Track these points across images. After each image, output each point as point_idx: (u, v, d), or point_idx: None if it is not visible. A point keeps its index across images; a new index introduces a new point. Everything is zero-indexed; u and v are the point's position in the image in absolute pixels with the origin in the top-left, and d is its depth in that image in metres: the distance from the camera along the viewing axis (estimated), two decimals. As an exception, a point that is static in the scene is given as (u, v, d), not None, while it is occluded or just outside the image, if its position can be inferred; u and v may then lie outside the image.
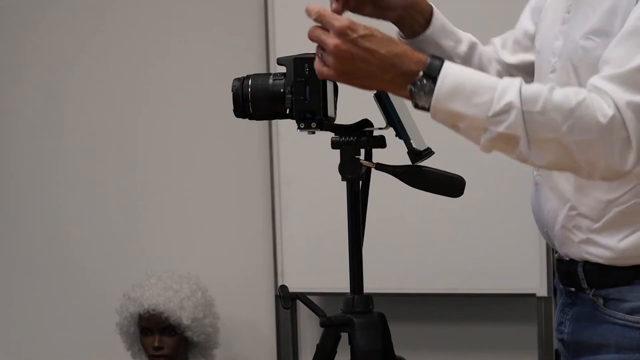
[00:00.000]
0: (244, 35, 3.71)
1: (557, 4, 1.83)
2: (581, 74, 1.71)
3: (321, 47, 1.62)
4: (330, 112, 1.80)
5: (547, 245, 3.32)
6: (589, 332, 1.79)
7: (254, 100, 1.84)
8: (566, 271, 1.83)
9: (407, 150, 1.77)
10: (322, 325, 1.87)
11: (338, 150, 1.91)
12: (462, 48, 1.98)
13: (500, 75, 1.95)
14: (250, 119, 1.88)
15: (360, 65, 1.60)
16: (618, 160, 1.58)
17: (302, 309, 3.67)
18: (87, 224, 3.89)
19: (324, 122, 1.81)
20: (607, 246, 1.75)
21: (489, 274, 3.34)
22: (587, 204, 1.75)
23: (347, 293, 1.93)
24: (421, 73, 1.59)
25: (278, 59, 1.84)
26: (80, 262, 3.90)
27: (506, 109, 1.56)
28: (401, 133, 1.75)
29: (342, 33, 1.61)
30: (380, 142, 1.81)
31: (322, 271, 3.41)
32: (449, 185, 1.80)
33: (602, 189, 1.73)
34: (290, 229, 3.52)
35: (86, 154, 3.88)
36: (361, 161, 1.79)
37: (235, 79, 1.87)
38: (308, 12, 1.64)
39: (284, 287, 1.93)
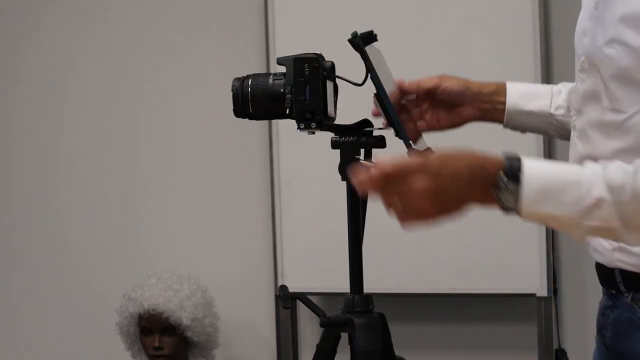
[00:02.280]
0: (244, 35, 3.71)
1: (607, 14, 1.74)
2: (607, 81, 1.67)
3: (399, 196, 1.50)
4: (330, 112, 1.80)
5: (547, 245, 3.32)
6: (629, 340, 1.80)
7: (254, 100, 1.83)
8: (605, 274, 1.84)
9: (406, 150, 1.77)
10: (322, 325, 1.87)
11: (338, 150, 1.91)
12: (562, 97, 1.97)
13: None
14: (250, 119, 1.88)
15: (451, 194, 1.51)
16: None
17: (302, 309, 3.67)
18: (87, 224, 3.89)
19: (324, 122, 1.81)
20: (639, 254, 1.74)
21: (489, 274, 3.34)
22: None
23: (347, 293, 1.93)
24: (501, 173, 1.51)
25: (278, 59, 1.84)
26: (80, 262, 3.90)
27: (596, 204, 1.52)
28: (400, 133, 1.75)
29: (422, 171, 1.50)
30: (380, 142, 1.81)
31: (322, 271, 3.41)
32: None
33: None
34: (290, 229, 3.52)
35: (86, 154, 3.88)
36: (361, 161, 1.79)
37: (235, 79, 1.87)
38: (376, 177, 1.50)
39: (284, 287, 1.93)
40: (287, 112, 1.82)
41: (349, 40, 1.75)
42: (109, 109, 3.86)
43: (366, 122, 1.83)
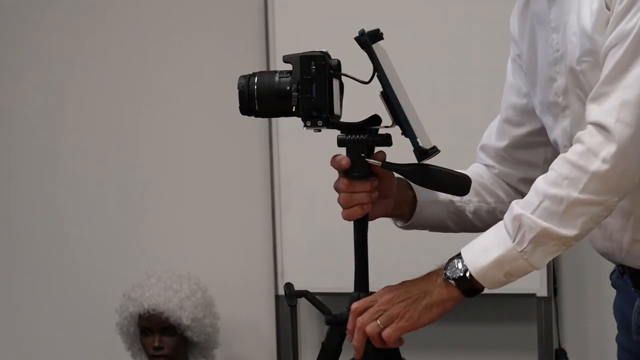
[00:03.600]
0: (244, 35, 3.71)
1: (545, 50, 1.85)
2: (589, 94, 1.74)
3: (376, 314, 1.74)
4: (336, 110, 1.79)
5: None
6: None
7: (260, 98, 1.82)
8: None
9: (413, 148, 1.76)
10: (327, 323, 1.87)
11: (337, 151, 1.90)
12: None
13: (502, 174, 2.01)
14: (256, 116, 1.86)
15: (417, 293, 1.74)
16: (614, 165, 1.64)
17: (302, 308, 3.67)
18: (87, 224, 3.89)
19: (330, 120, 1.80)
20: None
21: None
22: None
23: (349, 292, 1.93)
24: (448, 260, 1.75)
25: (284, 56, 1.84)
26: (80, 262, 3.90)
27: (517, 223, 1.68)
28: (407, 131, 1.74)
29: (385, 290, 1.78)
30: (386, 141, 1.80)
31: (322, 271, 3.41)
32: (455, 183, 1.79)
33: None
34: (290, 229, 3.52)
35: (86, 154, 3.88)
36: (367, 160, 1.78)
37: (241, 77, 1.86)
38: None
39: (289, 285, 1.92)
40: (294, 109, 1.81)
41: (356, 38, 1.75)
42: (109, 109, 3.86)
43: (375, 119, 1.82)
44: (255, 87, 1.81)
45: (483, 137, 2.06)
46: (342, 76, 1.80)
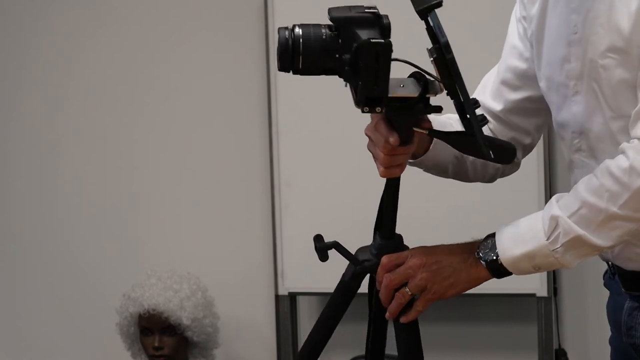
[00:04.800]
0: (244, 35, 3.71)
1: (558, 27, 1.83)
2: (606, 93, 1.74)
3: (407, 280, 1.77)
4: (391, 93, 1.73)
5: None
6: None
7: (306, 51, 1.68)
8: (633, 280, 1.85)
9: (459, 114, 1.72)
10: (355, 273, 1.86)
11: (338, 151, 1.90)
12: (458, 128, 1.96)
13: (494, 129, 1.98)
14: (295, 73, 1.73)
15: (444, 262, 1.77)
16: None
17: (302, 309, 3.67)
18: (87, 223, 3.89)
19: (389, 104, 1.73)
20: None
21: (489, 274, 3.34)
22: None
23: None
24: (481, 239, 1.77)
25: (332, 17, 1.73)
26: (80, 262, 3.90)
27: (554, 223, 1.70)
28: (466, 108, 1.68)
29: (415, 257, 1.78)
30: (437, 109, 1.75)
31: (322, 271, 3.40)
32: (501, 152, 1.77)
33: None
34: (290, 229, 3.51)
35: (86, 154, 3.88)
36: (415, 129, 1.75)
37: (280, 28, 1.74)
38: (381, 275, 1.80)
39: (319, 237, 1.88)
40: (340, 71, 1.72)
41: (418, 11, 1.73)
42: (109, 108, 3.86)
43: (420, 77, 1.74)
44: (301, 40, 1.69)
45: (477, 90, 2.03)
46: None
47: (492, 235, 1.77)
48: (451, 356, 3.63)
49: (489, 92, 2.01)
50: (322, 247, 1.87)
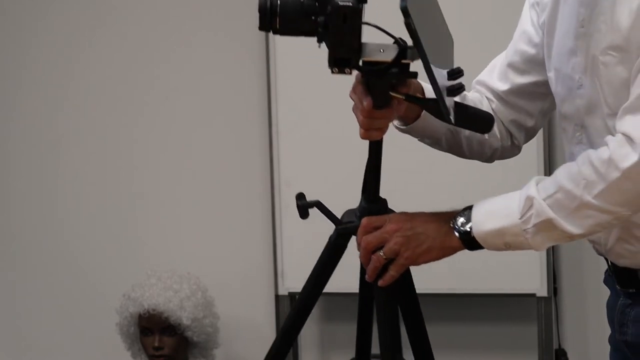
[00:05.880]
0: (244, 35, 3.71)
1: (569, 19, 1.83)
2: (605, 90, 1.75)
3: (383, 243, 1.79)
4: (363, 55, 1.75)
5: (547, 245, 3.32)
6: None
7: (284, 13, 1.75)
8: (627, 276, 1.85)
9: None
10: (339, 233, 1.91)
11: (338, 151, 1.91)
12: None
13: (497, 110, 1.99)
14: (274, 33, 1.80)
15: (419, 229, 1.78)
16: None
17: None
18: (87, 223, 3.89)
19: (358, 65, 1.76)
20: None
21: (489, 274, 3.34)
22: (638, 214, 1.76)
23: (349, 292, 1.93)
24: (459, 209, 1.78)
25: None
26: (80, 262, 3.90)
27: (528, 203, 1.71)
28: (432, 83, 1.70)
29: (392, 222, 1.80)
30: (412, 75, 1.77)
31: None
32: (476, 121, 1.78)
33: None
34: (290, 229, 3.51)
35: (86, 154, 3.88)
36: (391, 93, 1.76)
37: None
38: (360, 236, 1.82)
39: (301, 195, 1.92)
40: (317, 34, 1.73)
41: None
42: (109, 109, 3.86)
43: (402, 51, 1.76)
44: (279, 1, 1.75)
45: (482, 73, 2.05)
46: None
47: (470, 208, 1.78)
48: (451, 356, 3.62)
49: (496, 73, 2.02)
50: (304, 205, 1.93)
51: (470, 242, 1.78)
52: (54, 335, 3.94)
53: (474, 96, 2.03)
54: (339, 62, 1.73)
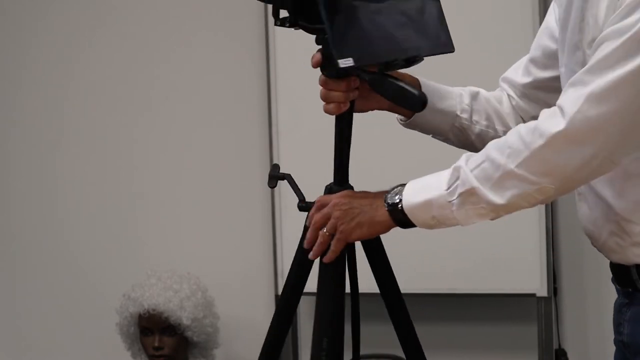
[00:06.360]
0: (244, 35, 3.71)
1: (576, 12, 1.82)
2: None
3: (327, 220, 1.84)
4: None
5: (547, 245, 3.32)
6: None
7: None
8: (620, 273, 1.83)
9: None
10: (300, 209, 1.97)
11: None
12: (465, 101, 2.00)
13: (517, 106, 2.00)
14: None
15: (354, 204, 1.81)
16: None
17: (302, 308, 3.67)
18: (87, 223, 3.89)
19: (301, 22, 1.79)
20: None
21: (489, 274, 3.34)
22: (628, 208, 1.76)
23: (349, 293, 1.93)
24: (394, 186, 1.78)
25: None
26: (80, 262, 3.90)
27: (456, 174, 1.71)
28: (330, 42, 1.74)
29: (335, 198, 1.86)
30: None
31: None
32: (405, 99, 1.79)
33: (635, 191, 1.74)
34: (290, 229, 3.51)
35: (86, 154, 3.88)
36: (339, 61, 1.77)
37: None
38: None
39: (275, 166, 2.00)
40: None
41: None
42: (109, 109, 3.86)
43: None
44: None
45: (508, 70, 2.06)
46: None
47: (404, 185, 1.78)
48: (451, 356, 3.63)
49: (520, 68, 2.03)
50: (274, 176, 2.00)
51: (398, 215, 1.76)
52: (54, 335, 3.94)
53: (495, 94, 2.04)
54: (280, 20, 1.81)
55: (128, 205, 3.87)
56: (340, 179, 1.92)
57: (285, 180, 1.98)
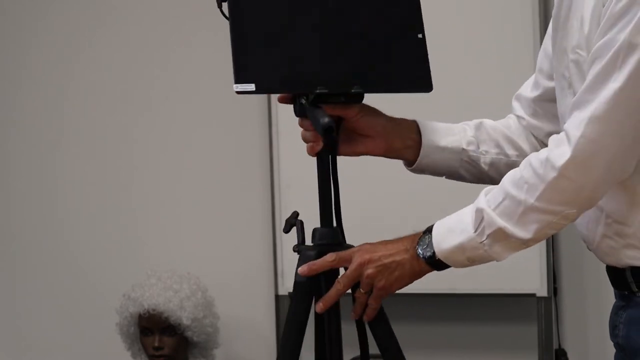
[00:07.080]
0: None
1: (564, 13, 1.80)
2: (577, 89, 1.71)
3: (357, 280, 1.80)
4: None
5: (547, 245, 3.32)
6: None
7: None
8: (616, 276, 1.83)
9: None
10: (294, 250, 1.99)
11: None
12: (469, 133, 1.97)
13: (529, 126, 1.98)
14: None
15: (387, 260, 1.79)
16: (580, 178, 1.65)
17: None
18: (87, 223, 3.89)
19: None
20: None
21: (489, 274, 3.33)
22: (618, 209, 1.75)
23: (349, 293, 1.93)
24: (422, 233, 1.78)
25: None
26: (80, 262, 3.90)
27: (480, 215, 1.71)
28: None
29: (360, 256, 1.81)
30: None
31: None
32: (318, 125, 1.83)
33: (625, 193, 1.73)
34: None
35: (87, 154, 3.88)
36: (297, 98, 1.81)
37: None
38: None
39: (295, 212, 1.99)
40: None
41: None
42: (109, 109, 3.86)
43: None
44: None
45: (521, 88, 2.03)
46: None
47: (430, 231, 1.78)
48: (451, 356, 3.63)
49: (530, 85, 2.00)
50: (290, 223, 2.02)
51: (437, 264, 1.78)
52: (54, 335, 3.94)
53: (501, 121, 2.01)
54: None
55: (128, 205, 3.87)
56: (330, 221, 1.93)
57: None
